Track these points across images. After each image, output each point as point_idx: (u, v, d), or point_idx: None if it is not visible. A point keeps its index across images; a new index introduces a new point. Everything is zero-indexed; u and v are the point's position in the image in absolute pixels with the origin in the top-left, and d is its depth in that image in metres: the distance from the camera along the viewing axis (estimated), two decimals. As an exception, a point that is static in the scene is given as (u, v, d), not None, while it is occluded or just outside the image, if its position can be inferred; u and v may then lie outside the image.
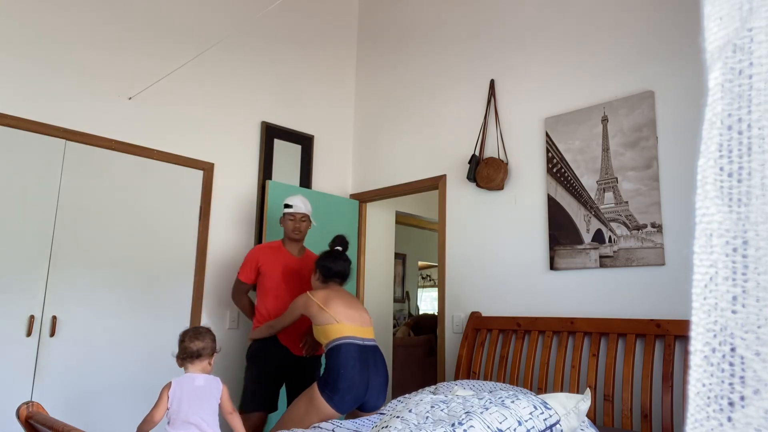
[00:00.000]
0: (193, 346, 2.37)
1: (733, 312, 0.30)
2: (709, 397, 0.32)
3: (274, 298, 3.32)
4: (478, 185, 3.70)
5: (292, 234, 3.40)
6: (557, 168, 3.38)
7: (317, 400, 2.61)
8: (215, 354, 2.46)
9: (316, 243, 4.26)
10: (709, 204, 0.32)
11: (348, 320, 2.77)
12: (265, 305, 3.32)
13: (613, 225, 3.08)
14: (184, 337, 2.41)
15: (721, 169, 0.31)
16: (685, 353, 2.65)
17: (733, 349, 0.30)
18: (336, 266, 3.02)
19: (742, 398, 0.30)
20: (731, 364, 0.30)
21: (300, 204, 3.39)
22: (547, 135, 3.45)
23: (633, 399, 2.82)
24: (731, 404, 0.30)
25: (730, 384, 0.30)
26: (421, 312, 9.15)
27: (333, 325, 2.75)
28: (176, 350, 2.43)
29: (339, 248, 3.12)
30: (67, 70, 3.32)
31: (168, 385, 2.28)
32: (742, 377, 0.30)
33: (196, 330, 2.49)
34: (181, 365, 2.38)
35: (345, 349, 2.67)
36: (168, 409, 2.24)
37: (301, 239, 3.45)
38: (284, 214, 3.41)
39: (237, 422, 2.41)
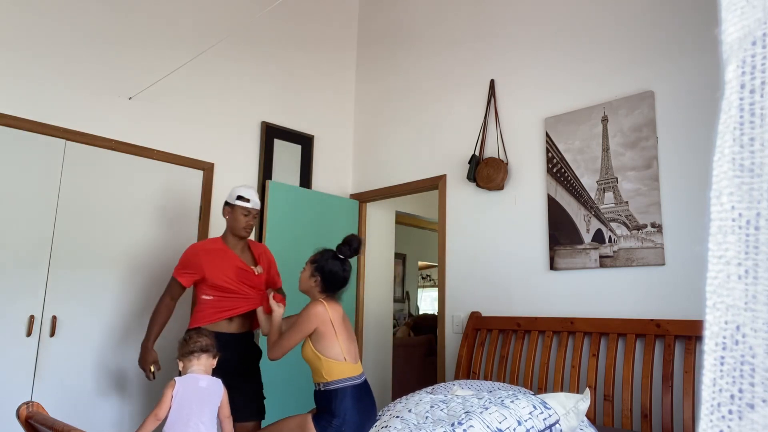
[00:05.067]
0: (201, 341, 2.39)
1: (752, 311, 0.30)
2: (724, 398, 0.31)
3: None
4: (478, 185, 3.70)
5: (242, 231, 2.96)
6: (557, 168, 3.38)
7: None
8: (217, 356, 2.47)
9: (316, 244, 4.26)
10: (725, 200, 0.32)
11: (350, 357, 2.49)
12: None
13: (613, 225, 3.08)
14: (188, 336, 2.43)
15: (741, 165, 0.31)
16: (686, 353, 2.64)
17: (750, 348, 0.30)
18: (345, 274, 2.60)
19: (761, 399, 0.29)
20: (749, 364, 0.30)
21: (257, 199, 3.01)
22: (547, 135, 3.45)
23: (633, 399, 2.81)
24: (750, 405, 0.30)
25: (751, 384, 0.29)
26: (421, 312, 9.15)
27: (340, 363, 2.45)
28: (177, 354, 2.43)
29: (343, 254, 2.63)
30: (67, 70, 3.32)
31: (172, 384, 2.27)
32: (762, 378, 0.29)
33: (198, 330, 2.51)
34: (183, 366, 2.38)
35: (350, 394, 2.43)
36: (170, 408, 2.24)
37: (248, 237, 3.06)
38: (234, 206, 2.96)
39: (230, 428, 2.42)
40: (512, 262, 3.54)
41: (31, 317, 3.03)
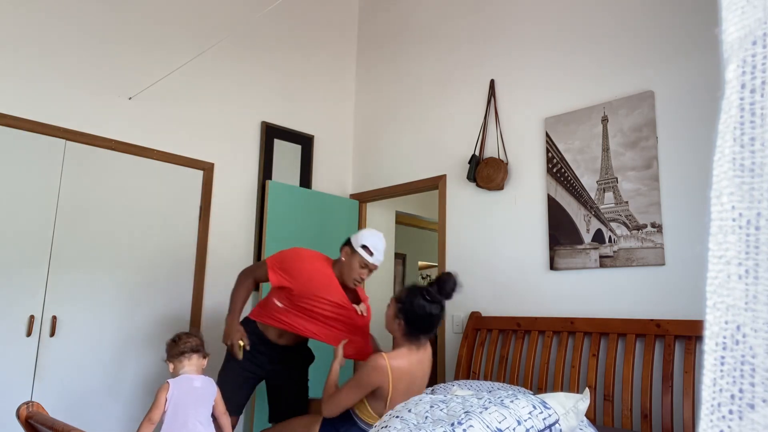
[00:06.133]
0: (191, 342, 2.39)
1: (752, 311, 0.30)
2: (724, 398, 0.31)
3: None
4: (478, 185, 3.70)
5: (352, 282, 2.68)
6: (557, 168, 3.38)
7: None
8: (207, 357, 2.47)
9: (316, 244, 4.26)
10: (725, 200, 0.32)
11: None
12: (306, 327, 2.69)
13: (613, 225, 3.08)
14: (177, 338, 2.43)
15: (741, 165, 0.31)
16: (686, 353, 2.64)
17: (751, 348, 0.30)
18: (432, 319, 2.28)
19: (761, 399, 0.29)
20: (749, 364, 0.30)
21: (382, 256, 2.68)
22: (547, 135, 3.45)
23: (633, 399, 2.81)
24: (750, 405, 0.30)
25: (751, 384, 0.29)
26: (420, 312, 9.12)
27: (375, 417, 2.32)
28: (166, 356, 2.43)
29: (430, 296, 2.31)
30: (67, 70, 3.31)
31: (165, 387, 2.26)
32: (762, 378, 0.29)
33: (187, 332, 2.51)
34: (174, 367, 2.37)
35: None
36: (165, 411, 2.23)
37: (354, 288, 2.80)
38: (356, 252, 2.64)
39: (228, 424, 2.42)
40: (512, 262, 3.53)
41: (31, 317, 3.03)
